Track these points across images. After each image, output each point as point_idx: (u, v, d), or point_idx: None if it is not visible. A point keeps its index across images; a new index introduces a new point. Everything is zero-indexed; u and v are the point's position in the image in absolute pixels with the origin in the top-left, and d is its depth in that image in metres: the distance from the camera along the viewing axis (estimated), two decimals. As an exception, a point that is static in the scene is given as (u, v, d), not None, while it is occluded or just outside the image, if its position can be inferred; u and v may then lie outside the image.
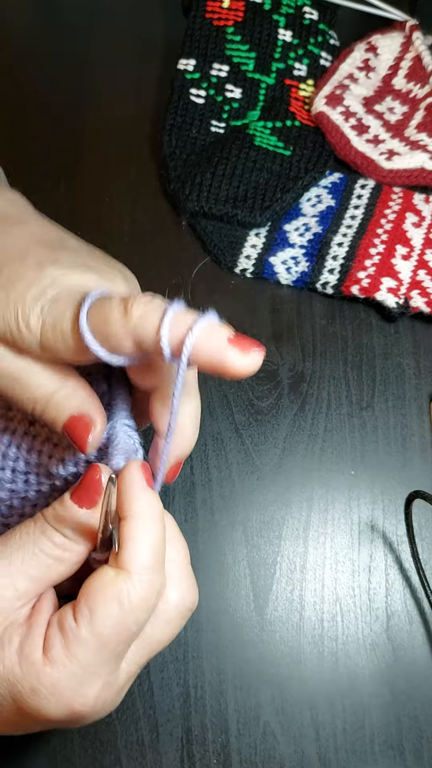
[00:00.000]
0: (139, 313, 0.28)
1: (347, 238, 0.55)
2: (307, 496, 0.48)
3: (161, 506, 0.31)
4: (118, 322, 0.29)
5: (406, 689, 0.43)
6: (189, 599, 0.32)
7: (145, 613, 0.29)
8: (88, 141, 0.60)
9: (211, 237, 0.55)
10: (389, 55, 0.61)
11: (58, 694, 0.28)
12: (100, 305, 0.29)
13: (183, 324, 0.28)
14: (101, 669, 0.29)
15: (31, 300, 0.31)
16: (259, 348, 0.28)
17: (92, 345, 0.29)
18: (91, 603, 0.28)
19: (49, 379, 0.32)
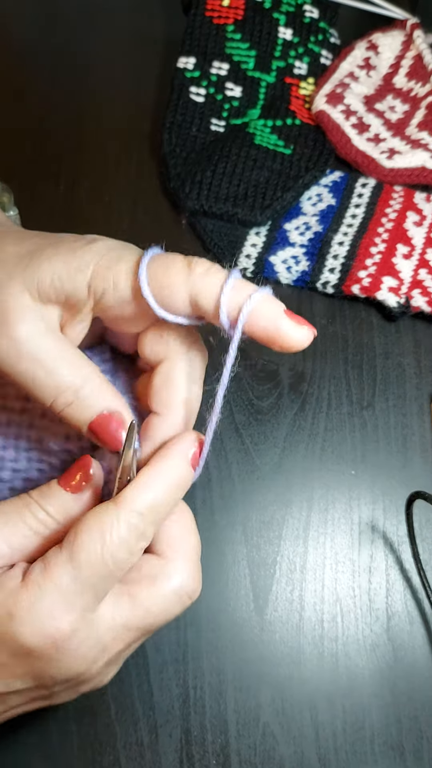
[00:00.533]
0: (202, 270, 0.31)
1: (348, 237, 0.55)
2: (307, 495, 0.48)
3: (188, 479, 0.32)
4: (180, 274, 0.31)
5: (406, 690, 0.43)
6: (191, 586, 0.33)
7: (123, 553, 0.30)
8: (87, 140, 0.60)
9: (211, 236, 0.55)
10: (390, 53, 0.61)
11: (33, 615, 0.29)
12: (162, 256, 0.32)
13: (243, 290, 0.30)
14: (75, 597, 0.29)
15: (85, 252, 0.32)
16: (310, 326, 0.31)
17: (145, 291, 0.31)
18: (77, 527, 0.30)
19: (78, 370, 0.32)
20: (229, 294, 0.30)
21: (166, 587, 0.32)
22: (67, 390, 0.32)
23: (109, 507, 0.30)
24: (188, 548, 0.34)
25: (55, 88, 0.62)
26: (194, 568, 0.33)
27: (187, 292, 0.31)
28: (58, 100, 0.62)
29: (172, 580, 0.32)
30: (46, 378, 0.32)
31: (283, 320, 0.30)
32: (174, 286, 0.31)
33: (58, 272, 0.31)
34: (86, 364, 0.33)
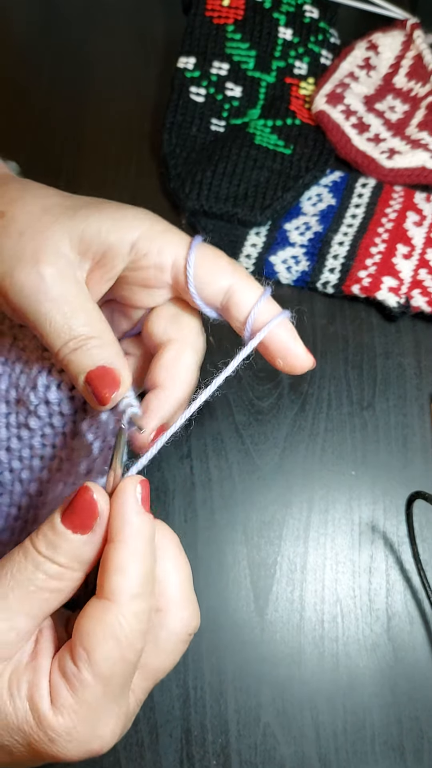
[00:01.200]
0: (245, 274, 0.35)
1: (348, 237, 0.55)
2: (307, 496, 0.48)
3: (153, 530, 0.30)
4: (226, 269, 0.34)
5: (406, 690, 0.43)
6: (191, 625, 0.32)
7: (140, 641, 0.29)
8: (87, 140, 0.60)
9: (211, 236, 0.55)
10: (390, 53, 0.61)
11: (76, 740, 0.28)
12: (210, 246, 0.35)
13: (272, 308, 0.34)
14: (111, 706, 0.28)
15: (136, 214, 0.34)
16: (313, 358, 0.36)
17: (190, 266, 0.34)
18: (87, 644, 0.28)
19: (94, 323, 0.34)
20: (261, 307, 0.34)
21: (172, 640, 0.31)
22: (78, 337, 0.33)
23: (108, 606, 0.28)
24: (178, 580, 0.32)
25: (55, 88, 0.62)
26: (189, 603, 0.32)
27: (227, 285, 0.34)
28: (58, 100, 0.62)
29: (174, 631, 0.31)
30: (63, 322, 0.33)
31: (297, 343, 0.35)
32: (217, 276, 0.34)
33: (106, 225, 0.33)
34: (102, 320, 0.34)
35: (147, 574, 0.29)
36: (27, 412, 0.37)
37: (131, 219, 0.34)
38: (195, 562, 0.46)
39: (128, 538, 0.29)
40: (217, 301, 0.34)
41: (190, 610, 0.32)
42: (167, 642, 0.31)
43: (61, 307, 0.33)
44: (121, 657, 0.28)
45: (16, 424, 0.38)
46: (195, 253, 0.34)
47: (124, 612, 0.28)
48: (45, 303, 0.32)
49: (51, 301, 0.32)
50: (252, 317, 0.34)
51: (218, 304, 0.35)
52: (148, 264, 0.34)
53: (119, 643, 0.28)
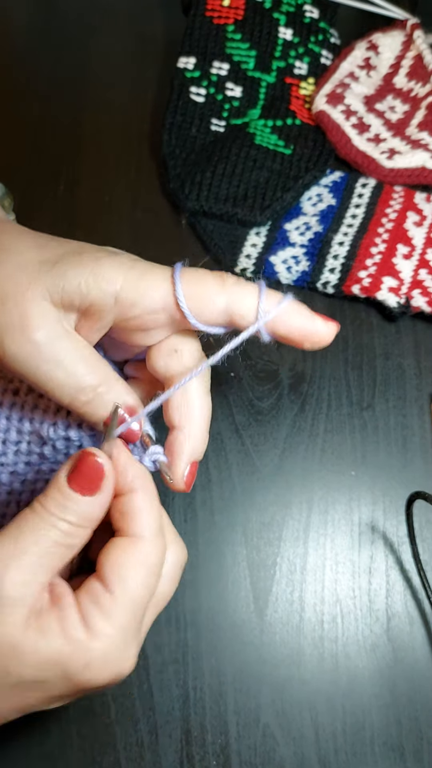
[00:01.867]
0: (234, 281, 0.34)
1: (348, 237, 0.55)
2: (307, 496, 0.48)
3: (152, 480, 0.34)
4: (214, 286, 0.33)
5: (406, 691, 0.43)
6: (183, 556, 0.35)
7: (160, 569, 0.32)
8: (87, 140, 0.60)
9: (211, 236, 0.55)
10: (390, 53, 0.61)
11: (109, 663, 0.30)
12: (191, 270, 0.34)
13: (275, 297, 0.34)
14: (136, 630, 0.31)
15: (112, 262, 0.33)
16: (335, 321, 0.34)
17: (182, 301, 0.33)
18: (122, 571, 0.31)
19: (96, 370, 0.34)
20: (265, 303, 0.33)
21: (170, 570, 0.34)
22: (86, 388, 0.33)
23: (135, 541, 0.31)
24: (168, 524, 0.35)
25: (55, 88, 0.62)
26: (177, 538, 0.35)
27: (224, 302, 0.33)
28: (58, 101, 0.62)
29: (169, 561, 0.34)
30: (66, 378, 0.33)
31: (315, 319, 0.34)
32: (210, 298, 0.33)
33: (85, 280, 0.33)
34: (103, 364, 0.34)
35: (159, 511, 0.33)
36: (42, 442, 0.37)
37: (109, 269, 0.33)
38: (195, 562, 0.46)
39: (144, 484, 0.33)
40: (220, 321, 0.34)
41: (178, 543, 0.35)
42: (167, 571, 0.33)
43: (60, 365, 0.33)
44: (149, 583, 0.31)
45: (27, 452, 0.38)
46: (181, 285, 0.33)
47: (151, 546, 0.31)
48: (42, 366, 0.33)
49: (48, 362, 0.33)
50: (261, 317, 0.33)
51: (222, 323, 0.34)
52: (137, 312, 0.33)
53: (148, 570, 0.31)
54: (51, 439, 0.37)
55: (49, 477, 0.38)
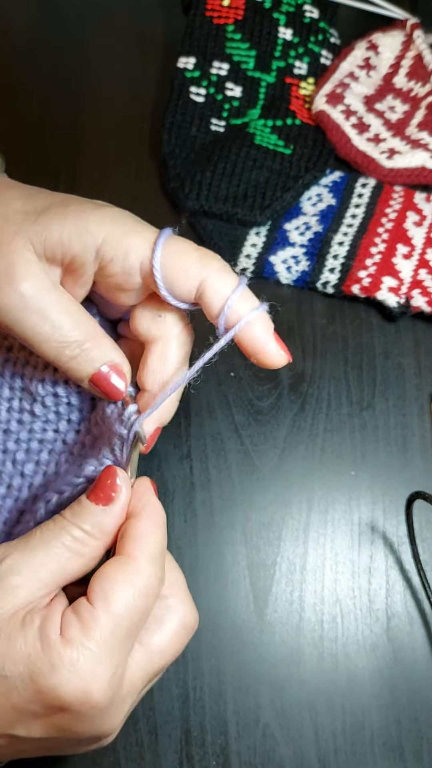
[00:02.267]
0: (217, 267, 0.32)
1: (348, 237, 0.55)
2: (307, 496, 0.48)
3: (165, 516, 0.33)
4: (194, 265, 0.32)
5: (406, 691, 0.43)
6: (192, 617, 0.34)
7: (152, 598, 0.31)
8: (87, 140, 0.60)
9: (211, 236, 0.55)
10: (390, 53, 0.61)
11: (77, 672, 0.29)
12: (177, 240, 0.33)
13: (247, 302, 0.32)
14: (115, 651, 0.29)
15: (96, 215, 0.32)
16: (289, 354, 0.33)
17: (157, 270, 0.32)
18: (106, 585, 0.30)
19: (82, 326, 0.33)
20: (234, 301, 0.32)
21: (175, 625, 0.33)
22: (72, 344, 0.33)
23: (127, 560, 0.31)
24: (178, 581, 0.34)
25: (55, 87, 0.62)
26: (190, 600, 0.34)
27: (197, 283, 0.32)
28: (57, 100, 0.62)
29: (177, 617, 0.33)
30: (52, 332, 0.32)
31: (271, 340, 0.33)
32: (186, 273, 0.32)
33: (67, 232, 0.32)
34: (89, 320, 0.34)
35: (162, 545, 0.32)
36: (32, 400, 0.38)
37: (93, 223, 0.32)
38: (194, 562, 0.46)
39: (148, 511, 0.32)
40: (191, 298, 0.33)
41: (190, 604, 0.34)
42: (170, 625, 0.33)
43: (47, 318, 0.32)
44: (134, 605, 0.30)
45: (19, 409, 0.38)
46: (161, 252, 0.32)
47: (143, 566, 0.31)
48: (29, 318, 0.32)
49: (35, 314, 0.32)
50: (224, 314, 0.32)
51: (192, 298, 0.33)
52: (115, 270, 0.33)
53: (135, 590, 0.30)
54: (39, 395, 0.37)
55: (42, 437, 0.38)
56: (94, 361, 0.34)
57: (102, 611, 0.29)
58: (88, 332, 0.33)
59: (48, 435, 0.38)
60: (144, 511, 0.32)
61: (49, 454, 0.38)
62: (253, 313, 0.32)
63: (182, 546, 0.46)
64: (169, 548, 0.45)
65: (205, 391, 0.50)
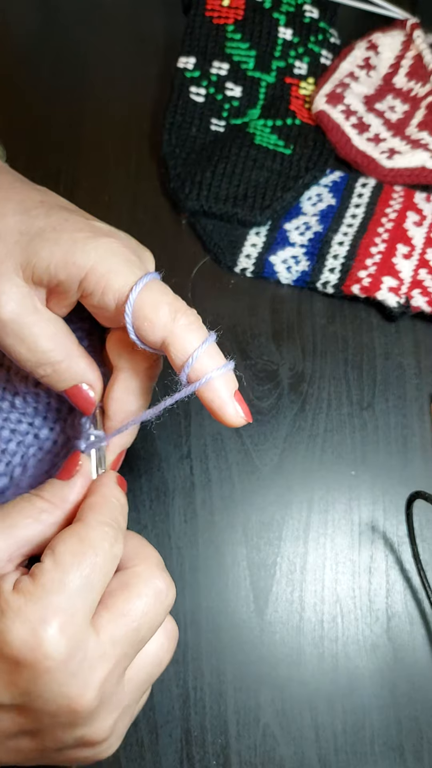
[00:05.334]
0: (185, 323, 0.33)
1: (348, 237, 0.55)
2: (307, 496, 0.48)
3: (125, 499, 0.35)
4: (165, 318, 0.33)
5: (406, 691, 0.43)
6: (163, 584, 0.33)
7: (102, 550, 0.31)
8: (87, 140, 0.60)
9: (211, 236, 0.55)
10: (390, 53, 0.61)
11: (23, 616, 0.29)
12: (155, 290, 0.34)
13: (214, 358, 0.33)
14: (64, 599, 0.29)
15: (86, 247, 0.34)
16: (249, 417, 0.34)
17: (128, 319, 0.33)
18: (54, 542, 0.31)
19: (59, 346, 0.35)
20: (197, 359, 0.33)
21: (139, 587, 0.33)
22: (45, 365, 0.35)
23: (76, 522, 0.32)
24: (148, 555, 0.34)
25: (55, 88, 0.62)
26: (161, 568, 0.34)
27: (163, 336, 0.33)
28: (58, 100, 0.62)
29: (142, 580, 0.33)
30: (28, 354, 0.35)
31: (230, 402, 0.34)
32: (154, 325, 0.33)
33: (55, 261, 0.33)
34: (66, 340, 0.36)
35: (115, 516, 0.33)
36: (15, 392, 0.40)
37: (81, 256, 0.33)
38: (195, 562, 0.46)
39: (103, 489, 0.34)
40: (157, 344, 0.34)
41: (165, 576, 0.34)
42: (136, 588, 0.32)
43: (23, 342, 0.34)
44: (82, 552, 0.31)
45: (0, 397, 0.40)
46: (134, 300, 0.33)
47: (90, 525, 0.32)
48: (7, 338, 0.34)
49: (11, 336, 0.34)
50: (185, 370, 0.33)
51: (158, 347, 0.34)
52: (93, 302, 0.34)
53: (81, 541, 0.31)
54: (21, 391, 0.39)
55: (15, 427, 0.40)
56: (66, 381, 0.36)
57: (49, 562, 0.30)
58: (64, 353, 0.35)
59: (22, 426, 0.40)
60: (99, 489, 0.34)
61: (17, 446, 0.40)
62: (215, 372, 0.33)
63: (182, 546, 0.46)
64: (169, 548, 0.46)
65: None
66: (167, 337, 0.33)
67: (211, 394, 0.33)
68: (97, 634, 0.30)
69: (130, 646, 0.32)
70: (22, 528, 0.32)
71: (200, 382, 0.33)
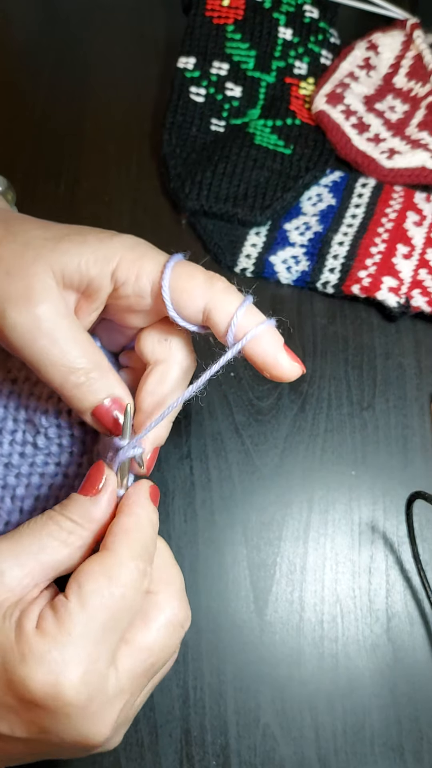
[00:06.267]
0: (222, 286, 0.34)
1: (348, 237, 0.55)
2: (307, 496, 0.48)
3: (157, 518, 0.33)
4: (201, 286, 0.33)
5: (406, 691, 0.43)
6: (182, 614, 0.33)
7: (132, 590, 0.30)
8: (87, 140, 0.60)
9: (211, 236, 0.55)
10: (390, 53, 0.61)
11: (46, 664, 0.28)
12: (186, 264, 0.34)
13: (254, 316, 0.33)
14: (89, 644, 0.29)
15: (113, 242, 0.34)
16: (302, 364, 0.34)
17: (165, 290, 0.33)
18: (81, 578, 0.30)
19: (90, 355, 0.34)
20: (240, 317, 0.33)
21: (160, 621, 0.32)
22: (78, 371, 0.34)
23: (106, 554, 0.31)
24: (171, 579, 0.34)
25: (55, 88, 0.62)
26: (181, 597, 0.34)
27: (203, 304, 0.33)
28: (58, 101, 0.62)
29: (163, 613, 0.32)
30: (61, 357, 0.33)
31: (281, 353, 0.34)
32: (193, 293, 0.33)
33: (85, 258, 0.33)
34: (97, 350, 0.35)
35: (146, 541, 0.32)
36: (36, 431, 0.38)
37: (109, 249, 0.34)
38: (194, 562, 0.46)
39: (135, 509, 0.33)
40: (198, 320, 0.34)
41: (183, 603, 0.33)
42: (156, 622, 0.32)
43: (57, 342, 0.33)
44: (110, 594, 0.30)
45: (22, 441, 0.38)
46: (170, 274, 0.34)
47: (121, 561, 0.31)
48: (40, 340, 0.33)
49: (46, 337, 0.33)
50: (232, 329, 0.33)
51: (199, 322, 0.34)
52: (128, 292, 0.34)
53: (110, 581, 0.30)
54: (43, 426, 0.37)
55: (43, 471, 0.38)
56: (98, 392, 0.34)
57: (75, 603, 0.29)
58: (95, 362, 0.34)
59: (49, 469, 0.38)
60: (131, 508, 0.33)
61: (49, 489, 0.38)
62: (260, 327, 0.33)
63: (182, 546, 0.46)
64: (169, 548, 0.46)
65: (206, 392, 0.50)
66: (208, 302, 0.33)
67: (262, 348, 0.33)
68: (117, 670, 0.30)
69: (146, 677, 0.32)
70: (50, 553, 0.31)
71: (247, 337, 0.33)
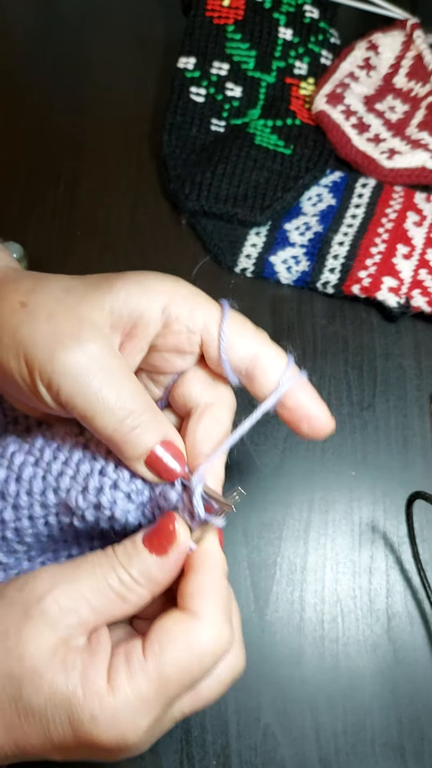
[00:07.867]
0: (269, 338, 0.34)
1: (348, 237, 0.55)
2: (307, 497, 0.48)
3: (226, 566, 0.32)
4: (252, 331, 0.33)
5: (407, 691, 0.43)
6: (240, 666, 0.33)
7: (212, 661, 0.29)
8: (87, 140, 0.60)
9: (211, 236, 0.55)
10: (390, 53, 0.61)
11: (116, 724, 0.28)
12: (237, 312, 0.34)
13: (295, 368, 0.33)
14: (158, 706, 0.29)
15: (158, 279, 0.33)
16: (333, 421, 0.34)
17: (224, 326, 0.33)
18: (163, 640, 0.29)
19: (141, 396, 0.32)
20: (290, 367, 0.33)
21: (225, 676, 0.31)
22: (133, 413, 0.31)
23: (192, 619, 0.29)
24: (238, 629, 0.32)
25: (55, 88, 0.62)
26: (241, 647, 0.32)
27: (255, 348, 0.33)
28: (58, 101, 0.62)
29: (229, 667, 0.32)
30: (117, 400, 0.31)
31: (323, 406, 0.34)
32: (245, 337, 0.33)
33: (133, 290, 0.32)
34: (145, 391, 0.33)
35: (228, 600, 0.31)
36: (71, 514, 0.33)
37: (155, 283, 0.33)
38: (195, 562, 0.46)
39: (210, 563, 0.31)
40: (242, 367, 0.33)
41: (242, 651, 0.33)
42: (222, 676, 0.31)
43: (112, 383, 0.31)
44: (188, 666, 0.29)
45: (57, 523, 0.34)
46: (228, 314, 0.33)
47: (206, 627, 0.29)
48: (95, 381, 0.30)
49: (101, 377, 0.31)
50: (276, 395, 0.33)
51: (243, 370, 0.33)
52: (180, 328, 0.33)
53: (191, 652, 0.29)
54: (80, 508, 0.33)
55: None
56: (152, 436, 0.32)
57: (153, 668, 0.28)
58: (147, 402, 0.32)
59: None
60: (205, 563, 0.31)
61: None
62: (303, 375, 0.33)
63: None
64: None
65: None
66: (258, 352, 0.33)
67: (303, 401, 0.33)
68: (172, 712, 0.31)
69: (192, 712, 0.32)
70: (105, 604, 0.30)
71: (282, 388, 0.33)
